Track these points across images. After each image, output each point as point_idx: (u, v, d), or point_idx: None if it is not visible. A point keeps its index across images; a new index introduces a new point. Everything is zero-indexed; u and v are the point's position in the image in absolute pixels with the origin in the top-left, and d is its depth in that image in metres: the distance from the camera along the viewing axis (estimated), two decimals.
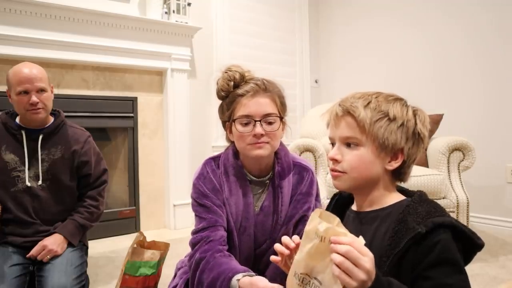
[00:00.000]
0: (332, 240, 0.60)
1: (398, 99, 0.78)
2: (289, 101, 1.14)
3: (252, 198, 1.09)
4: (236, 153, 1.13)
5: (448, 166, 2.22)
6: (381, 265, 0.69)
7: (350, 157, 0.76)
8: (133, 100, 2.83)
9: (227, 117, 1.09)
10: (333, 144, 0.80)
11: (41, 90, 1.48)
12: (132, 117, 2.83)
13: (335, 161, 0.77)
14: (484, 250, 1.02)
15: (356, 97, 0.77)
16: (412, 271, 0.68)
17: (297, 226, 1.09)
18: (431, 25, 3.02)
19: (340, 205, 0.88)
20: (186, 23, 2.90)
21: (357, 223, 0.80)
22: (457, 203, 2.10)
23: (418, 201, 0.74)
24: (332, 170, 0.79)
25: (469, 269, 0.69)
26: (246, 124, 1.04)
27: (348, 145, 0.76)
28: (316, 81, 3.96)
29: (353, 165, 0.75)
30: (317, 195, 1.16)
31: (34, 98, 1.45)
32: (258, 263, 1.13)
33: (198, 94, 3.10)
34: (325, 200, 2.18)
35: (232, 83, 1.07)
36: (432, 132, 2.40)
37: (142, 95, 2.87)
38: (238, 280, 0.90)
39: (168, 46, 2.86)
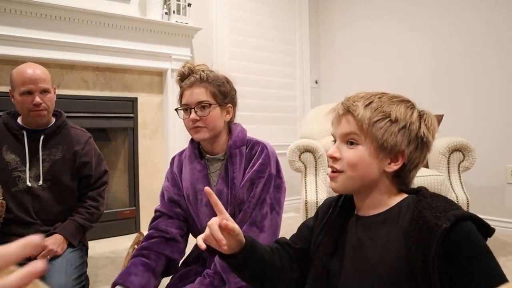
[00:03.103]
0: None
1: (403, 101, 0.76)
2: (289, 102, 1.16)
3: (206, 171, 1.20)
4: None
5: (448, 167, 2.23)
6: (416, 271, 0.65)
7: (348, 154, 0.74)
8: (133, 101, 2.83)
9: (178, 105, 1.20)
10: (335, 141, 0.79)
11: (45, 91, 1.48)
12: (132, 117, 2.83)
13: (334, 159, 0.76)
14: None
15: (359, 96, 0.76)
16: (442, 267, 0.64)
17: (252, 189, 1.14)
18: (431, 26, 3.03)
19: (345, 207, 0.83)
20: (186, 23, 2.90)
21: (363, 229, 0.76)
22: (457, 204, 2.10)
23: (430, 195, 0.74)
24: (331, 169, 0.77)
25: None
26: (185, 111, 1.15)
27: (348, 143, 0.75)
28: (316, 82, 3.96)
29: (350, 163, 0.74)
30: (278, 171, 1.18)
31: (37, 99, 1.45)
32: None
33: None
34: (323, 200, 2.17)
35: (178, 77, 1.19)
36: None
37: (142, 95, 2.87)
38: None
39: (168, 46, 2.87)
